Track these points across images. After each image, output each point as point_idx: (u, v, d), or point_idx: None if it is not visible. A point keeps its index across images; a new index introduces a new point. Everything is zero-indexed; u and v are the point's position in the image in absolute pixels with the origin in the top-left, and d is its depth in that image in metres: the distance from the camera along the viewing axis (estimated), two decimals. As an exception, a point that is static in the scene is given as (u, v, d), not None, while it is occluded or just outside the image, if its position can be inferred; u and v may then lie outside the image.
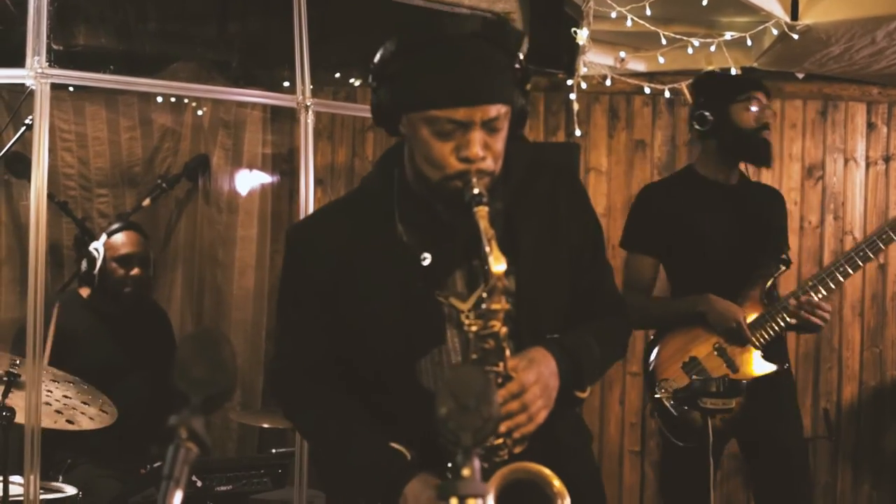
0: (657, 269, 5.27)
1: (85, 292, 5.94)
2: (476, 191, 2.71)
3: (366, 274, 2.91)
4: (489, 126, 2.74)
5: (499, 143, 2.79)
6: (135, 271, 5.88)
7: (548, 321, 2.95)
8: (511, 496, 2.69)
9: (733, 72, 6.26)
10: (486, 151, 2.75)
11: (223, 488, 4.88)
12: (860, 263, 4.98)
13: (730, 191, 5.17)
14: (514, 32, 2.88)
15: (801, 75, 6.84)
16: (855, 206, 7.07)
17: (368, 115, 3.02)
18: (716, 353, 4.99)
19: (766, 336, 5.00)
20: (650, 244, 5.23)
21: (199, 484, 4.78)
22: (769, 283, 5.06)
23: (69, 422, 4.64)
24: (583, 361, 2.93)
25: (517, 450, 2.79)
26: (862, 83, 6.95)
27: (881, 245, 4.96)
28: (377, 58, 2.91)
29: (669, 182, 5.44)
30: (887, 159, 7.08)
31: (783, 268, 5.11)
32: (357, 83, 7.27)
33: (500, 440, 2.78)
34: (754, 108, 5.07)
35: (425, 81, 2.76)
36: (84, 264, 5.88)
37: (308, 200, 5.05)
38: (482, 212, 2.68)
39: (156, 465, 5.13)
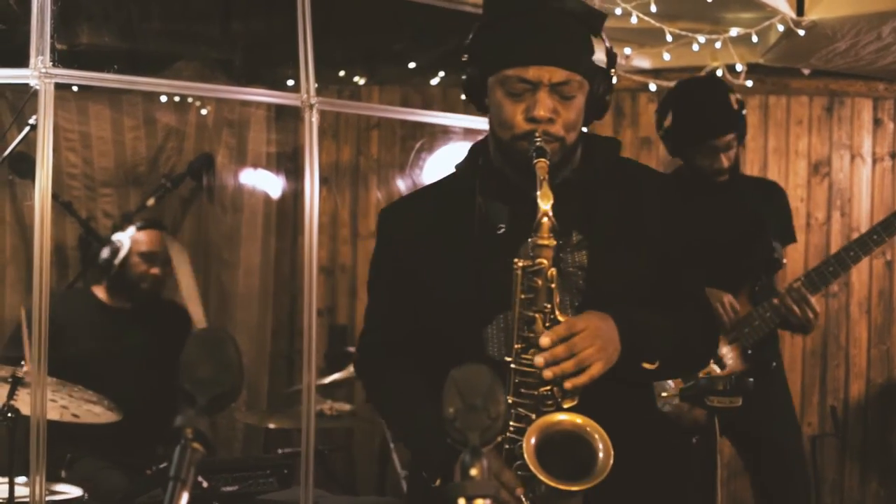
0: None
1: (99, 290, 5.95)
2: (538, 144, 2.81)
3: (446, 245, 3.02)
4: (559, 91, 2.86)
5: (570, 112, 2.89)
6: (154, 270, 5.93)
7: (616, 301, 2.92)
8: (553, 445, 2.72)
9: (719, 73, 6.26)
10: (554, 115, 2.86)
11: (229, 489, 4.86)
12: (851, 264, 4.96)
13: (717, 188, 5.14)
14: (601, 16, 3.01)
15: (806, 71, 6.82)
16: (862, 203, 7.05)
17: (373, 113, 3.10)
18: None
19: (755, 334, 4.98)
20: None
21: (205, 484, 4.76)
22: (758, 283, 5.04)
23: (75, 415, 4.64)
24: (646, 330, 2.90)
25: (567, 404, 2.78)
26: (868, 79, 6.94)
27: (872, 245, 4.93)
28: (471, 32, 3.05)
29: None
30: (894, 155, 7.06)
31: (775, 268, 5.10)
32: (362, 81, 7.26)
33: (547, 389, 2.78)
34: (712, 153, 5.01)
35: (502, 43, 2.91)
36: (106, 252, 5.91)
37: (313, 199, 5.03)
38: (541, 163, 2.78)
39: (162, 465, 5.12)
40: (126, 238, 5.91)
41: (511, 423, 2.81)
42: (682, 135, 5.10)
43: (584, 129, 3.05)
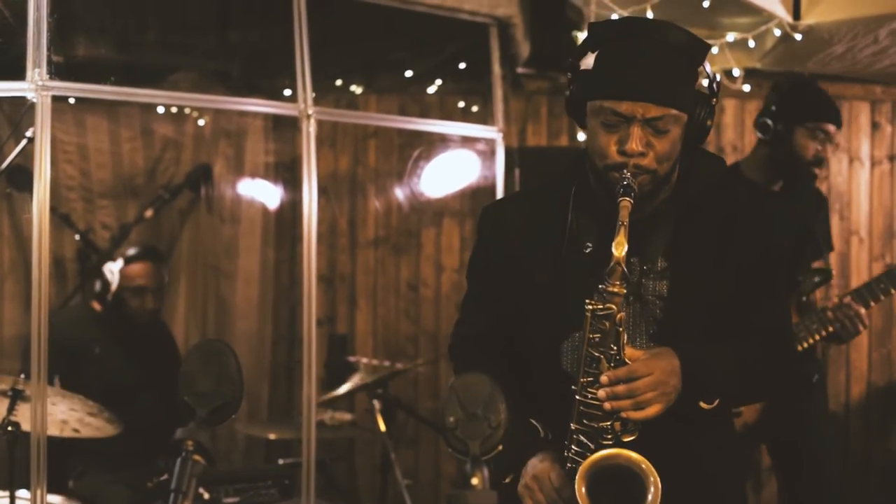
0: None
1: (97, 304, 5.94)
2: (626, 182, 2.84)
3: (536, 254, 3.08)
4: (653, 126, 2.87)
5: (665, 145, 2.90)
6: (148, 304, 5.90)
7: (692, 334, 2.96)
8: (604, 481, 2.80)
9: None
10: (647, 149, 2.87)
11: (231, 500, 4.86)
12: None
13: (773, 196, 5.14)
14: (704, 47, 2.99)
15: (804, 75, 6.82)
16: (860, 206, 7.04)
17: (371, 122, 3.09)
18: None
19: (801, 346, 4.97)
20: None
21: (206, 496, 4.76)
22: (806, 295, 5.04)
23: (75, 430, 4.63)
24: (709, 369, 2.92)
25: (626, 438, 2.85)
26: (865, 82, 6.93)
27: None
28: (576, 52, 3.08)
29: None
30: (892, 158, 7.06)
31: (817, 279, 5.10)
32: (359, 91, 7.26)
33: (608, 423, 2.85)
34: (817, 141, 5.02)
35: (601, 73, 2.94)
36: (98, 285, 5.88)
37: (311, 209, 5.03)
38: (625, 202, 2.81)
39: (163, 478, 5.11)
40: (115, 270, 5.85)
41: (574, 447, 2.89)
42: (798, 109, 5.08)
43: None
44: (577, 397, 2.87)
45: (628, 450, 2.83)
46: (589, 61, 3.02)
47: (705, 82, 3.04)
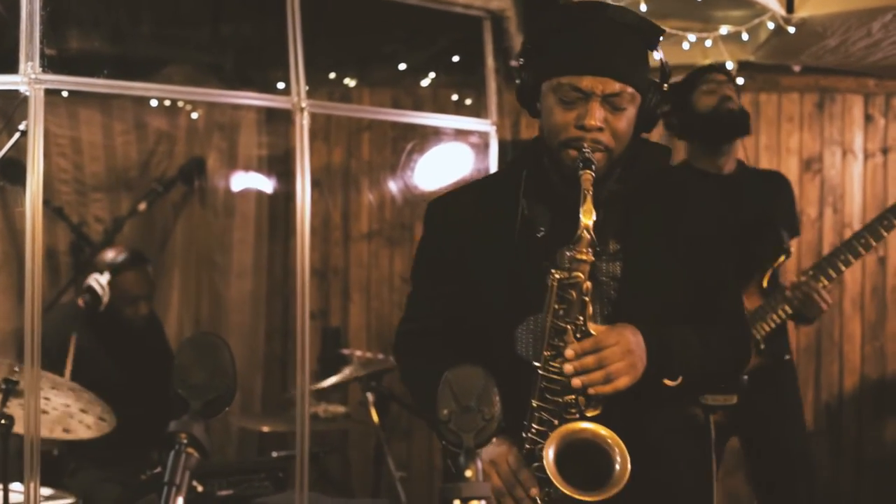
0: None
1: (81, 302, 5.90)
2: (586, 155, 2.85)
3: (487, 242, 3.05)
4: (611, 102, 2.89)
5: (620, 122, 2.92)
6: (142, 311, 5.86)
7: (648, 314, 2.94)
8: (572, 454, 2.76)
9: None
10: (604, 125, 2.88)
11: (224, 493, 4.87)
12: (861, 251, 4.93)
13: (724, 181, 5.14)
14: (658, 31, 3.05)
15: (797, 68, 6.82)
16: (854, 199, 7.05)
17: (364, 115, 3.09)
18: None
19: (766, 328, 4.97)
20: None
21: (199, 489, 4.76)
22: (768, 274, 5.04)
23: (66, 430, 4.62)
24: (674, 347, 2.91)
25: (590, 413, 2.82)
26: (858, 75, 6.94)
27: (883, 232, 4.91)
28: (526, 35, 3.14)
29: None
30: (885, 151, 7.06)
31: (782, 258, 5.09)
32: (352, 83, 7.25)
33: (572, 397, 2.82)
34: (708, 89, 5.09)
35: (559, 51, 2.94)
36: (87, 298, 5.79)
37: (304, 202, 5.03)
38: (587, 174, 2.81)
39: (156, 470, 5.11)
40: (104, 282, 5.78)
41: (534, 425, 2.87)
42: (682, 87, 5.16)
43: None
44: (540, 372, 2.85)
45: (594, 423, 2.79)
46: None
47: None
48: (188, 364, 2.34)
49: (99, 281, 5.78)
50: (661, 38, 3.05)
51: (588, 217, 2.77)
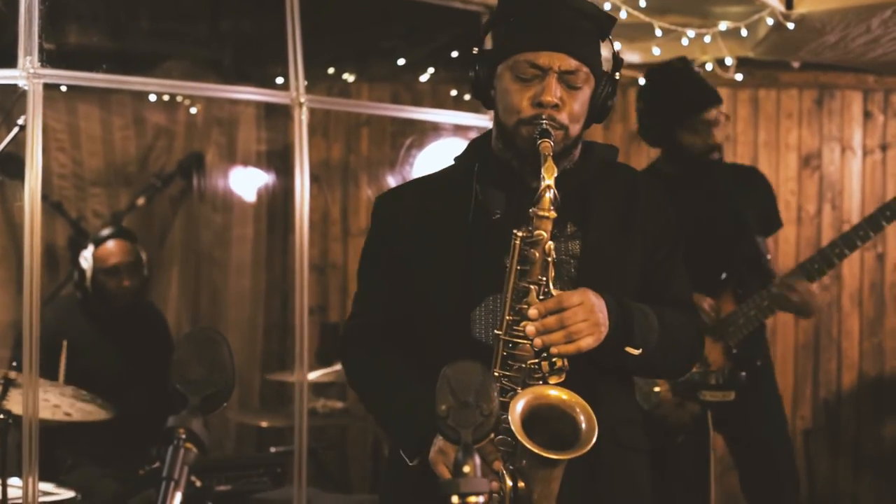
0: None
1: (80, 295, 5.92)
2: (543, 126, 2.86)
3: (440, 231, 3.04)
4: (567, 80, 2.91)
5: (576, 103, 2.94)
6: (126, 282, 5.85)
7: (607, 290, 2.92)
8: (538, 418, 2.72)
9: (709, 67, 6.26)
10: (560, 103, 2.90)
11: (222, 488, 4.86)
12: (858, 243, 4.90)
13: (697, 180, 5.10)
14: (611, 20, 3.06)
15: (796, 64, 6.82)
16: (852, 195, 7.05)
17: (363, 110, 3.10)
18: None
19: (740, 333, 4.96)
20: None
21: (198, 484, 4.76)
22: (742, 281, 5.03)
23: (67, 413, 4.62)
24: (634, 315, 2.90)
25: (553, 379, 2.78)
26: (858, 71, 6.94)
27: (884, 223, 4.87)
28: (483, 26, 3.13)
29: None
30: (884, 147, 7.06)
31: (759, 264, 5.10)
32: (351, 79, 7.25)
33: (535, 362, 2.79)
34: (701, 134, 5.00)
35: (516, 30, 2.97)
36: (76, 275, 5.86)
37: (303, 197, 5.03)
38: (545, 143, 2.82)
39: (155, 466, 5.11)
40: (88, 255, 5.83)
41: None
42: (669, 113, 5.04)
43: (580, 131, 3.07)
44: (503, 338, 2.82)
45: (558, 388, 2.75)
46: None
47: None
48: (187, 359, 2.34)
49: (84, 255, 5.82)
50: (613, 28, 3.06)
51: (550, 174, 2.77)
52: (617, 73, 3.07)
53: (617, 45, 3.09)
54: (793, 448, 5.38)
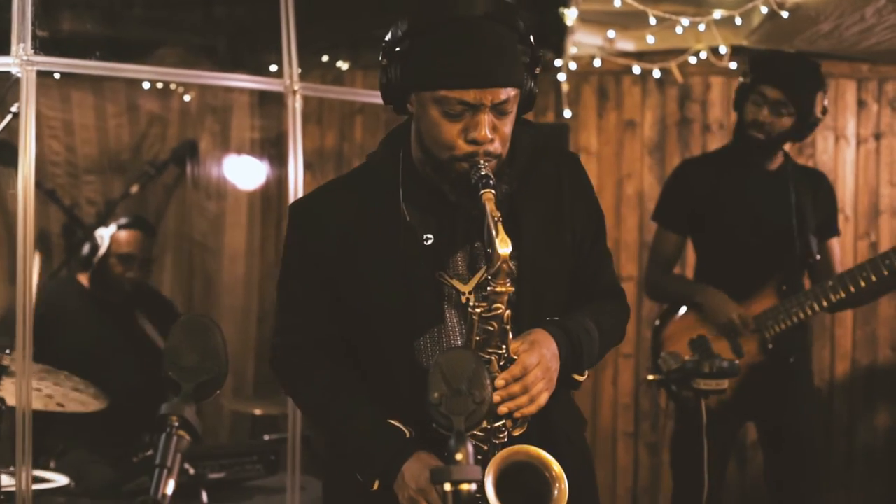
0: (681, 246, 5.33)
1: (83, 278, 5.94)
2: (483, 173, 2.75)
3: (368, 252, 2.93)
4: (498, 109, 2.78)
5: (507, 126, 2.83)
6: (132, 273, 5.89)
7: (549, 304, 2.95)
8: (510, 478, 2.71)
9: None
10: (494, 134, 2.79)
11: (216, 475, 4.87)
12: (885, 272, 4.91)
13: (767, 175, 5.14)
14: (524, 15, 2.88)
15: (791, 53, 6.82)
16: (846, 184, 7.05)
17: (357, 98, 3.06)
18: (724, 335, 4.98)
19: (777, 328, 4.98)
20: (675, 221, 5.26)
21: (191, 471, 4.77)
22: (789, 278, 5.05)
23: (60, 405, 4.62)
24: (583, 344, 2.92)
25: (517, 432, 2.82)
26: (852, 60, 6.93)
27: None
28: (388, 36, 2.90)
29: (707, 159, 5.46)
30: (878, 136, 7.06)
31: (809, 265, 5.14)
32: (345, 66, 7.24)
33: (501, 422, 2.79)
34: (756, 104, 5.04)
35: (437, 61, 2.78)
36: (87, 248, 5.89)
37: (297, 185, 5.03)
38: (489, 195, 2.71)
39: (148, 453, 5.11)
40: (106, 236, 5.87)
41: None
42: (750, 78, 5.12)
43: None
44: None
45: (528, 446, 2.77)
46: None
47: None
48: (179, 346, 2.34)
49: (101, 234, 5.87)
50: (522, 22, 2.86)
51: (505, 247, 2.66)
52: (536, 69, 2.92)
53: (532, 41, 2.89)
54: (818, 444, 5.41)
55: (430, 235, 2.91)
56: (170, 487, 2.16)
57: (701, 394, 4.30)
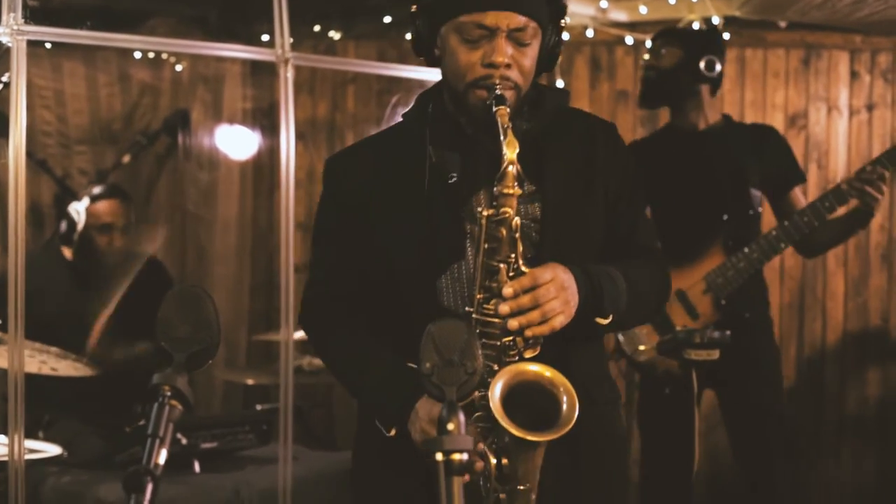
0: None
1: (67, 251, 5.90)
2: (498, 93, 2.80)
3: (395, 194, 2.99)
4: (516, 38, 2.84)
5: (526, 59, 2.88)
6: (117, 242, 5.84)
7: (572, 253, 2.93)
8: (517, 400, 2.71)
9: (696, 26, 6.28)
10: (511, 61, 2.84)
11: (208, 445, 4.87)
12: (826, 215, 4.94)
13: (697, 137, 5.19)
14: None
15: (783, 24, 6.81)
16: (838, 155, 7.05)
17: (349, 68, 3.06)
18: (677, 299, 4.99)
19: (729, 285, 4.99)
20: None
21: (183, 441, 4.77)
22: (734, 234, 5.06)
23: (53, 369, 4.62)
24: (603, 285, 2.88)
25: (528, 353, 2.79)
26: (845, 31, 6.92)
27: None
28: None
29: (644, 142, 5.51)
30: (870, 108, 7.06)
31: (751, 217, 5.15)
32: (337, 36, 7.22)
33: (510, 339, 2.78)
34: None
35: None
36: (63, 225, 5.84)
37: (289, 155, 5.02)
38: (502, 110, 2.77)
39: (140, 423, 5.10)
40: (81, 209, 5.80)
41: None
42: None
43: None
44: (474, 316, 2.81)
45: (537, 363, 2.76)
46: None
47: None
48: (171, 316, 2.34)
49: (76, 208, 5.79)
50: None
51: (512, 150, 2.73)
52: (562, 21, 3.00)
53: None
54: (782, 405, 5.39)
55: (454, 174, 2.94)
56: (162, 457, 2.16)
57: (692, 364, 4.32)
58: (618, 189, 3.06)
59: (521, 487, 2.77)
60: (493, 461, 2.76)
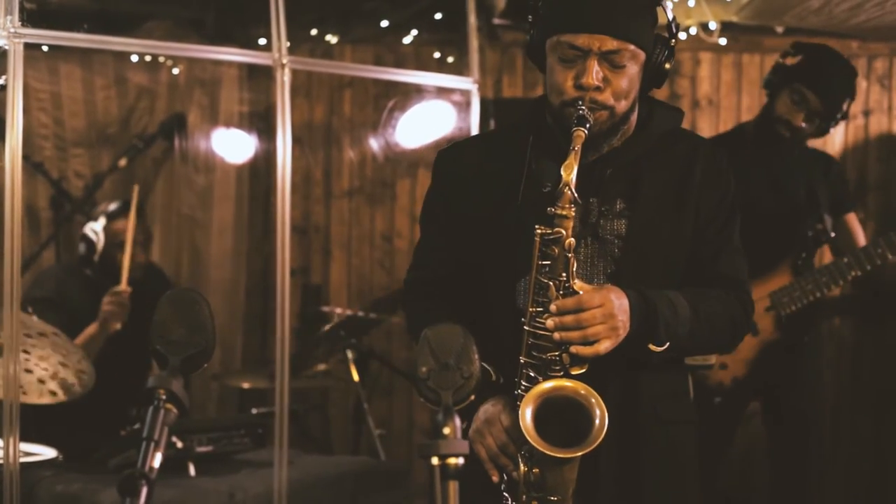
0: None
1: (89, 273, 5.82)
2: (581, 113, 2.85)
3: (493, 195, 3.08)
4: (610, 60, 2.89)
5: (622, 81, 2.91)
6: (139, 258, 5.78)
7: (651, 273, 2.98)
8: (553, 413, 2.78)
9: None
10: (604, 84, 2.89)
11: (203, 449, 4.86)
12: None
13: (781, 156, 5.23)
14: None
15: (780, 29, 6.81)
16: (834, 161, 7.05)
17: (346, 72, 3.08)
18: None
19: (795, 306, 5.02)
20: None
21: (179, 445, 4.76)
22: (804, 255, 5.09)
23: (52, 393, 4.60)
24: (659, 312, 2.90)
25: (575, 371, 2.83)
26: (841, 37, 6.92)
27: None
28: None
29: (721, 139, 5.48)
30: (866, 113, 7.06)
31: (823, 241, 5.18)
32: (334, 40, 7.23)
33: (556, 354, 2.83)
34: (792, 102, 5.10)
35: (558, 9, 2.96)
36: (82, 247, 5.76)
37: (286, 159, 5.02)
38: (579, 132, 2.82)
39: (135, 426, 5.10)
40: (99, 229, 5.74)
41: (523, 382, 2.89)
42: (791, 70, 5.16)
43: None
44: (526, 328, 2.87)
45: (574, 381, 2.81)
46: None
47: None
48: (167, 320, 2.34)
49: (94, 228, 5.75)
50: None
51: (568, 173, 2.77)
52: (673, 40, 3.04)
53: (670, 7, 3.05)
54: (824, 426, 5.48)
55: (549, 184, 2.97)
56: (157, 460, 2.16)
57: (687, 369, 4.32)
58: (709, 214, 3.08)
59: (553, 499, 2.84)
60: (524, 468, 2.86)
